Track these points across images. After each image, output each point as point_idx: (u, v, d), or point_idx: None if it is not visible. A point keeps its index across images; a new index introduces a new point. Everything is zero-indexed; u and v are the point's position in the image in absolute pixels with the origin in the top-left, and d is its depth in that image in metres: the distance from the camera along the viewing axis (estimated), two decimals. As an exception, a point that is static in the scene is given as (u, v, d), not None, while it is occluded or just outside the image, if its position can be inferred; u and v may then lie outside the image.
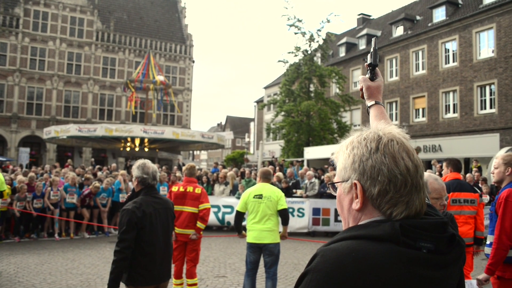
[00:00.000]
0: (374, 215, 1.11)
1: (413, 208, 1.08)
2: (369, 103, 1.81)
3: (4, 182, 8.50)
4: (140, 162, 4.01)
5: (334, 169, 16.47)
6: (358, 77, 33.58)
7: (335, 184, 1.22)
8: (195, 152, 55.09)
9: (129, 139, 27.67)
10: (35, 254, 9.60)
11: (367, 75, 1.82)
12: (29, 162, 29.50)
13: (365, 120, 32.58)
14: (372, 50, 1.77)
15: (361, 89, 1.85)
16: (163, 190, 14.17)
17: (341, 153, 1.20)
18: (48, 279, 7.48)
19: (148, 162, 4.01)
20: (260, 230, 5.87)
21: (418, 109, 27.81)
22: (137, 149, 28.51)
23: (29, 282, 7.24)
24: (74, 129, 26.38)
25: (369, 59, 1.79)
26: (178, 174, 14.91)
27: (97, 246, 10.91)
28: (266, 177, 6.23)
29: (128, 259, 3.58)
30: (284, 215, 6.05)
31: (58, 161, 29.43)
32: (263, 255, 6.00)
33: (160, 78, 29.59)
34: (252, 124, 61.00)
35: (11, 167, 19.66)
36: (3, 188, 8.82)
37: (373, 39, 1.80)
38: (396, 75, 29.50)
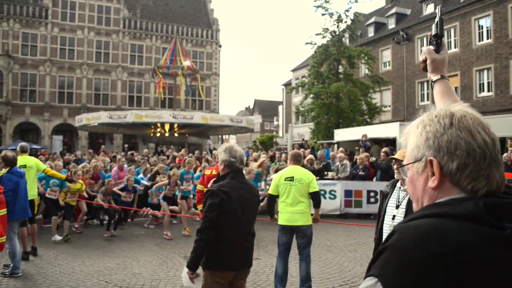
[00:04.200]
0: (453, 192, 1.06)
1: (494, 182, 1.04)
2: (434, 77, 1.70)
3: (41, 166, 8.57)
4: (227, 145, 3.89)
5: (366, 150, 15.96)
6: (388, 57, 32.93)
7: (405, 166, 1.17)
8: (224, 136, 55.33)
9: (159, 124, 27.98)
10: (74, 237, 9.79)
11: (432, 47, 1.71)
12: (63, 149, 30.21)
13: (395, 101, 32.00)
14: (437, 19, 1.65)
15: (423, 61, 1.74)
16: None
17: (412, 133, 1.15)
18: (87, 262, 7.67)
19: (235, 145, 3.89)
20: (292, 213, 5.85)
21: (451, 88, 27.10)
22: (167, 134, 28.84)
23: (68, 265, 7.44)
24: (105, 116, 26.86)
25: (433, 30, 1.68)
26: (209, 157, 14.98)
27: (131, 230, 11.14)
28: (297, 159, 6.16)
29: (210, 240, 3.51)
30: (316, 197, 6.00)
31: (90, 147, 30.03)
32: (296, 237, 5.99)
33: (187, 63, 29.65)
34: (280, 107, 60.79)
35: (46, 155, 20.15)
36: (52, 175, 9.03)
37: (438, 7, 1.68)
38: (427, 54, 28.72)
